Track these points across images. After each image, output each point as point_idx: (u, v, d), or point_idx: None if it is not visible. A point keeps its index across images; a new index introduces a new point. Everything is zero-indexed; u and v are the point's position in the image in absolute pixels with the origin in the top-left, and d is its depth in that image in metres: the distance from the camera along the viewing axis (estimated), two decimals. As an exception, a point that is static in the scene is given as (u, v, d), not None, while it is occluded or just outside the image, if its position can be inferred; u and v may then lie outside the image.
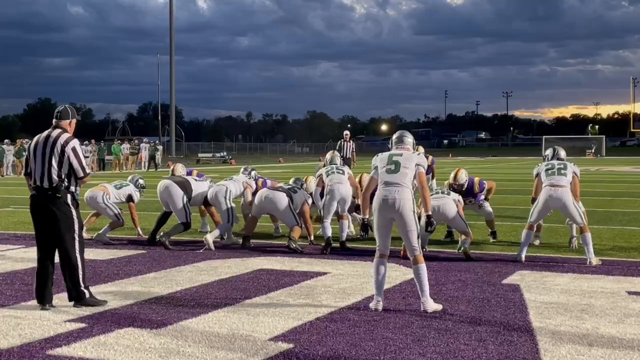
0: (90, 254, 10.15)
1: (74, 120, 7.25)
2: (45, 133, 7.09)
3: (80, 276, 6.97)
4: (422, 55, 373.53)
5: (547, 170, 10.16)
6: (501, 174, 37.48)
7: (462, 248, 10.01)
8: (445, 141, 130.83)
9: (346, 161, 19.05)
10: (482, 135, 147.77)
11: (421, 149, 15.13)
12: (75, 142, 7.01)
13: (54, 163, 6.90)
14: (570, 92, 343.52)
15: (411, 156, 7.20)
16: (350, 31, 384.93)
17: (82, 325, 6.26)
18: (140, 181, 12.86)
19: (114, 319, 6.50)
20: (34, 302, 7.01)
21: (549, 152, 10.86)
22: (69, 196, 6.97)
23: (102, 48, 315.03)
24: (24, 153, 38.21)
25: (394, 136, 7.61)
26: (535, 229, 10.38)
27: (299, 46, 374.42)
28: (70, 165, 6.93)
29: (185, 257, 9.99)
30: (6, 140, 40.22)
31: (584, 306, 6.99)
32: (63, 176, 6.93)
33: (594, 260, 9.45)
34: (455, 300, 7.28)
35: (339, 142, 21.85)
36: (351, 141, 22.14)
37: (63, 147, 6.92)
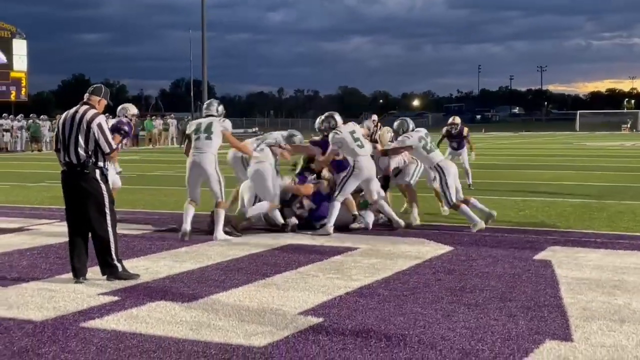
0: (123, 228, 10.26)
1: (104, 100, 7.28)
2: (74, 109, 7.14)
3: (113, 250, 7.06)
4: (455, 30, 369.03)
5: (424, 146, 10.47)
6: (535, 149, 37.10)
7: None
8: (479, 116, 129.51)
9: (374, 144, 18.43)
10: (516, 110, 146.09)
11: (457, 120, 16.35)
12: (101, 119, 7.04)
13: (81, 139, 6.96)
14: (605, 66, 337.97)
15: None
16: (382, 5, 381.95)
17: (115, 298, 6.35)
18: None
19: (146, 292, 6.58)
20: (68, 275, 7.12)
21: (397, 124, 11.07)
22: (97, 172, 7.03)
23: (135, 24, 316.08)
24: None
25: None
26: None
27: (330, 21, 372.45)
28: (97, 141, 6.99)
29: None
30: (42, 116, 40.62)
31: (616, 282, 6.93)
32: (90, 152, 6.99)
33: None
34: (486, 275, 7.25)
35: (365, 123, 19.99)
36: (380, 125, 21.06)
37: (89, 123, 6.96)
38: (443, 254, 8.43)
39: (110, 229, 7.05)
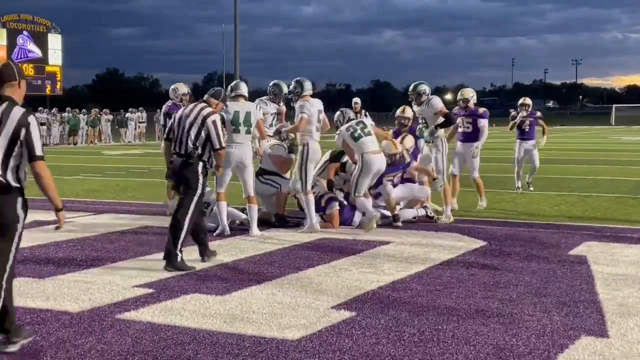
0: (157, 221, 10.35)
1: (222, 104, 8.09)
2: (192, 105, 7.88)
3: (180, 239, 7.29)
4: (489, 22, 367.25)
5: (352, 134, 9.80)
6: (569, 143, 36.68)
7: None
8: (512, 110, 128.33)
9: None
10: (550, 104, 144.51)
11: (529, 101, 14.46)
12: (216, 117, 7.66)
13: (193, 132, 7.52)
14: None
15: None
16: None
17: (150, 290, 6.41)
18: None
19: (180, 285, 6.63)
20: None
21: (336, 116, 10.37)
22: (200, 164, 7.51)
23: (168, 17, 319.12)
24: (98, 123, 39.07)
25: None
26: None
27: (363, 14, 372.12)
28: (208, 136, 7.52)
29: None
30: (83, 110, 41.15)
31: (653, 278, 6.83)
32: (198, 145, 7.51)
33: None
34: (520, 271, 7.20)
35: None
36: (362, 112, 17.01)
37: (205, 118, 7.57)
38: (477, 248, 8.38)
39: (188, 219, 7.35)
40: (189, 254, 7.54)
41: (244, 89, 9.67)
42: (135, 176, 18.32)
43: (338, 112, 10.38)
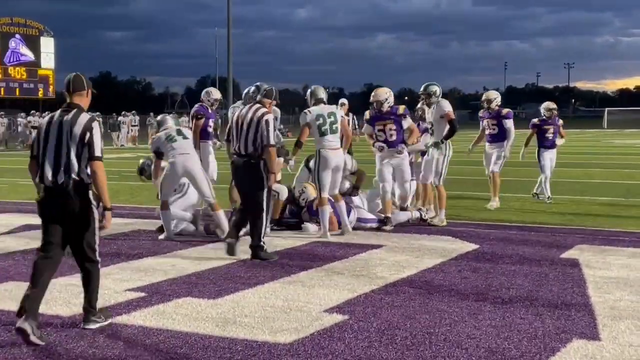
0: (149, 225, 10.33)
1: (274, 102, 8.44)
2: (247, 107, 8.26)
3: (262, 232, 7.97)
4: (482, 26, 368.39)
5: (320, 126, 9.26)
6: (562, 146, 36.72)
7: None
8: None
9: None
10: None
11: (553, 105, 14.27)
12: (269, 116, 8.05)
13: (251, 133, 7.98)
14: (635, 63, 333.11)
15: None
16: (408, 2, 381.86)
17: (142, 294, 6.40)
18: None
19: (172, 288, 6.62)
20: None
21: (307, 93, 9.68)
22: (261, 163, 7.96)
23: (162, 21, 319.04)
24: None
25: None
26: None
27: (356, 18, 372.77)
28: (261, 134, 7.93)
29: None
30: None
31: (644, 281, 6.85)
32: (257, 145, 7.97)
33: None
34: (512, 274, 7.21)
35: None
36: (349, 115, 16.46)
37: (259, 119, 7.98)
38: (469, 251, 8.39)
39: (264, 214, 8.00)
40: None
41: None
42: (127, 180, 18.28)
43: (308, 91, 9.72)
